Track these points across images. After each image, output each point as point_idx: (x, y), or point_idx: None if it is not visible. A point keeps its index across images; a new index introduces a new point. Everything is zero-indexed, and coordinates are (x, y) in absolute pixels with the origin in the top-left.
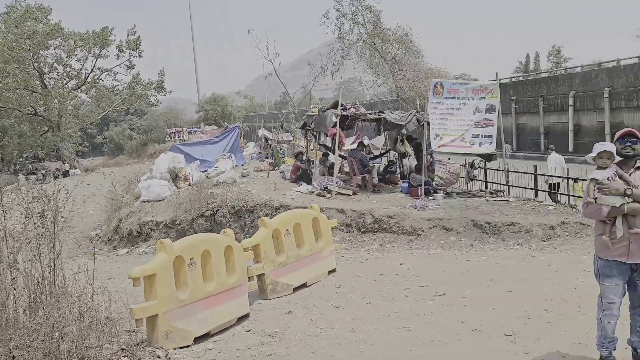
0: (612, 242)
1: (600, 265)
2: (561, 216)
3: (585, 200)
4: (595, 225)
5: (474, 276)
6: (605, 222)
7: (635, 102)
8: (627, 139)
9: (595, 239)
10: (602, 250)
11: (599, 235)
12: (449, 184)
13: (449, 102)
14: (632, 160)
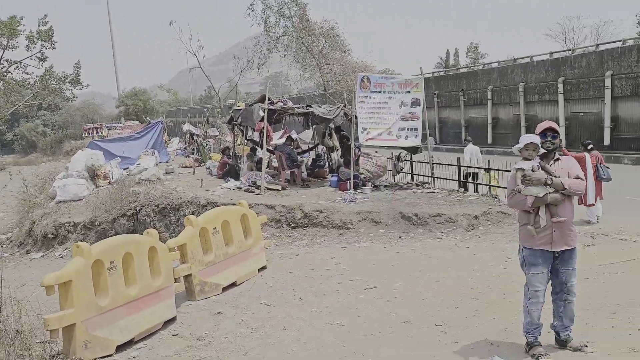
0: (537, 231)
1: (526, 254)
2: (484, 206)
3: (510, 190)
4: (519, 215)
5: (404, 268)
6: (530, 212)
7: (547, 96)
8: (548, 134)
9: (520, 229)
10: (527, 239)
11: (524, 225)
12: (376, 177)
13: (376, 96)
14: (552, 153)
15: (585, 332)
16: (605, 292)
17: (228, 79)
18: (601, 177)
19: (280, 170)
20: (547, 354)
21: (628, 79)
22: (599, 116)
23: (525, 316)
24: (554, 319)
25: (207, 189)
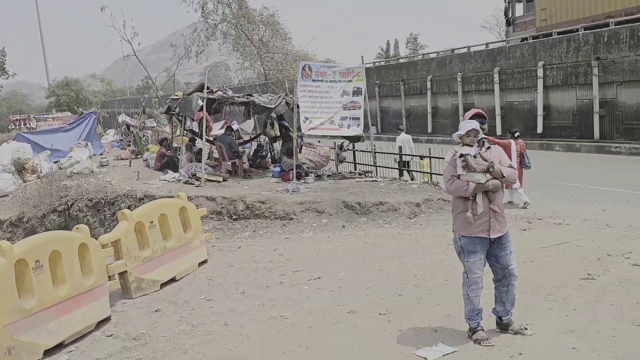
0: (474, 218)
1: (464, 242)
2: (425, 193)
3: (450, 176)
4: (455, 203)
5: (348, 257)
6: (468, 198)
7: (483, 85)
8: (477, 120)
9: (456, 218)
10: (464, 227)
11: (460, 213)
12: (319, 167)
13: (318, 85)
14: (482, 141)
15: (524, 315)
16: (542, 275)
17: (165, 68)
18: (526, 165)
19: (221, 161)
20: (489, 339)
21: (559, 69)
22: (533, 105)
23: (466, 304)
24: (496, 304)
25: (144, 181)
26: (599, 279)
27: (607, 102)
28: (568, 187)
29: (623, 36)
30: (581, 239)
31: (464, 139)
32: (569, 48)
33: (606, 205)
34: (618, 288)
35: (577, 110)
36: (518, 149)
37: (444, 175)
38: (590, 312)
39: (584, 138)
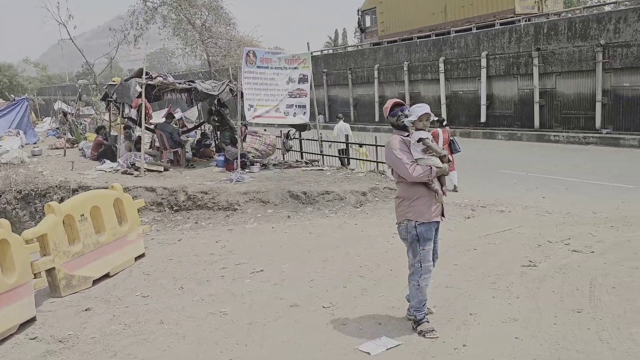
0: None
1: (422, 230)
2: (371, 182)
3: (410, 163)
4: (411, 190)
5: (292, 248)
6: (430, 183)
7: (429, 74)
8: (397, 109)
9: (413, 205)
10: (423, 214)
11: (418, 199)
12: (265, 156)
13: (263, 72)
14: (407, 130)
15: (468, 304)
16: (486, 263)
17: (104, 54)
18: (456, 149)
19: (162, 150)
20: (434, 330)
21: (501, 59)
22: (476, 94)
23: (416, 295)
24: None
25: (79, 172)
26: (540, 265)
27: (547, 92)
28: (510, 175)
29: (562, 28)
30: (523, 226)
31: (417, 124)
32: (511, 39)
33: (546, 192)
34: (558, 274)
35: (518, 100)
36: (446, 137)
37: (396, 162)
38: (532, 300)
39: (525, 127)
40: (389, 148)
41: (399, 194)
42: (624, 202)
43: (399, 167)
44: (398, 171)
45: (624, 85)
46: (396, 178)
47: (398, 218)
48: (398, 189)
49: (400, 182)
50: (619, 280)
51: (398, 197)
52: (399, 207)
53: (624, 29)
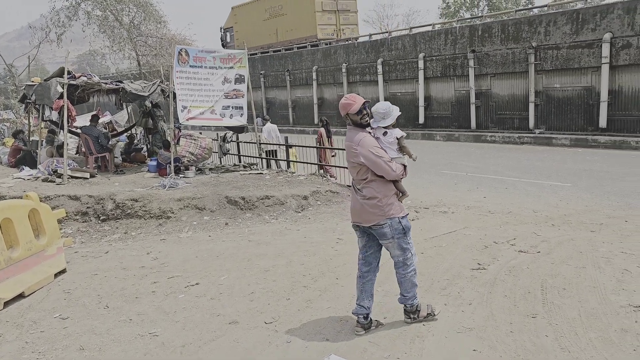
0: (400, 198)
1: (405, 222)
2: (313, 185)
3: (390, 160)
4: (385, 188)
5: (230, 258)
6: (398, 181)
7: (368, 76)
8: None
9: (391, 202)
10: (402, 208)
11: (393, 195)
12: (201, 160)
13: (196, 71)
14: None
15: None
16: (435, 267)
17: (24, 53)
18: None
19: (87, 156)
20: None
21: (438, 61)
22: (414, 96)
23: (414, 284)
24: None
25: None
26: (489, 268)
27: (483, 93)
28: (451, 176)
29: (495, 30)
30: (468, 227)
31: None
32: (447, 40)
33: (487, 192)
34: (508, 277)
35: (455, 101)
36: None
37: (376, 161)
38: (485, 306)
39: (462, 128)
40: (364, 146)
41: (373, 194)
42: (562, 200)
43: (380, 165)
44: (378, 169)
45: (555, 86)
46: (364, 177)
47: (375, 219)
48: (368, 189)
49: (373, 181)
50: (568, 281)
51: (373, 198)
52: (376, 208)
53: (554, 31)
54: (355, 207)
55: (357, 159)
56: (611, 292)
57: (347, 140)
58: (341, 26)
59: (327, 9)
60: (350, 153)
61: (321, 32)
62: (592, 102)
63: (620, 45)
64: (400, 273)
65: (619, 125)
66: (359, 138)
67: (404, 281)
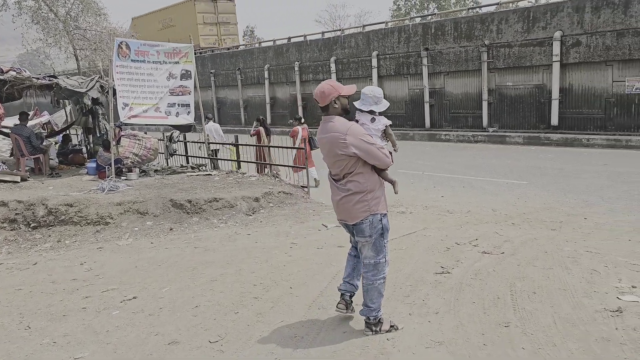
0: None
1: (385, 222)
2: (264, 186)
3: (380, 147)
4: (371, 180)
5: (173, 267)
6: (385, 172)
7: (321, 75)
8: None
9: (377, 197)
10: (385, 205)
11: (378, 189)
12: (146, 161)
13: (139, 66)
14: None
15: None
16: (396, 272)
17: None
18: (315, 146)
19: (18, 158)
20: None
21: (391, 59)
22: None
23: (381, 293)
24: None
25: None
26: (453, 272)
27: (436, 92)
28: (407, 175)
29: (448, 28)
30: (428, 228)
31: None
32: (400, 38)
33: (444, 191)
34: (474, 281)
35: (409, 100)
36: (305, 134)
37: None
38: (453, 315)
39: (416, 127)
40: (355, 135)
41: (360, 188)
42: (519, 198)
43: (375, 153)
44: (372, 158)
45: (507, 84)
46: (351, 169)
47: (357, 215)
48: (354, 183)
49: (360, 174)
50: (537, 284)
51: (359, 192)
52: (359, 203)
53: (506, 29)
54: (339, 204)
55: (346, 150)
56: (583, 295)
57: (325, 132)
58: (222, 37)
59: (208, 21)
60: (337, 144)
61: (204, 41)
62: (543, 100)
63: (571, 44)
64: (369, 279)
65: (570, 123)
66: (346, 127)
67: (371, 289)
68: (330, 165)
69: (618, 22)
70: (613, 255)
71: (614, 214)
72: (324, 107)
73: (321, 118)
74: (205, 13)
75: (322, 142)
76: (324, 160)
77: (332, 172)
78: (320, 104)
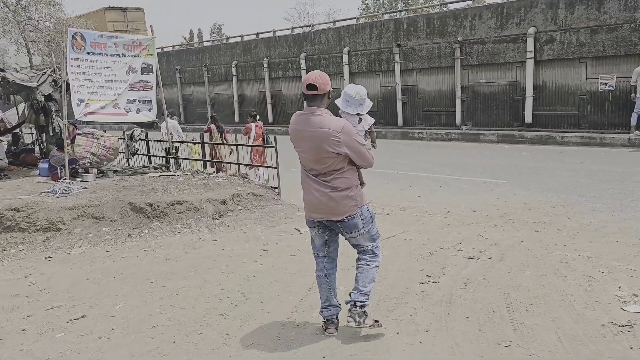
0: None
1: (371, 211)
2: (232, 188)
3: (368, 150)
4: (355, 176)
5: (130, 279)
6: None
7: (291, 72)
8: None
9: (360, 190)
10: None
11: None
12: (106, 161)
13: (95, 59)
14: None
15: (367, 347)
16: (378, 281)
17: None
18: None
19: None
20: None
21: (363, 56)
22: (339, 92)
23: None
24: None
25: None
26: (440, 281)
27: (409, 89)
28: (381, 174)
29: (421, 24)
30: (407, 231)
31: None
32: (372, 35)
33: (420, 190)
34: (465, 292)
35: (382, 97)
36: (259, 131)
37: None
38: (446, 334)
39: (389, 125)
40: (349, 134)
41: (347, 185)
42: (499, 198)
43: (365, 155)
44: (362, 158)
45: (481, 81)
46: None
47: (347, 210)
48: (341, 180)
49: (346, 171)
50: (533, 293)
51: (346, 189)
52: (348, 199)
53: (479, 25)
54: (322, 202)
55: (338, 148)
56: (584, 306)
57: (310, 125)
58: None
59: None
60: (328, 142)
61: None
62: (517, 97)
63: (544, 40)
64: (367, 261)
65: (544, 120)
66: (340, 124)
67: (366, 271)
68: (310, 162)
69: (592, 18)
70: (606, 260)
71: (597, 214)
72: (314, 97)
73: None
74: (115, 21)
75: (304, 136)
76: (301, 155)
77: (313, 168)
78: (318, 91)
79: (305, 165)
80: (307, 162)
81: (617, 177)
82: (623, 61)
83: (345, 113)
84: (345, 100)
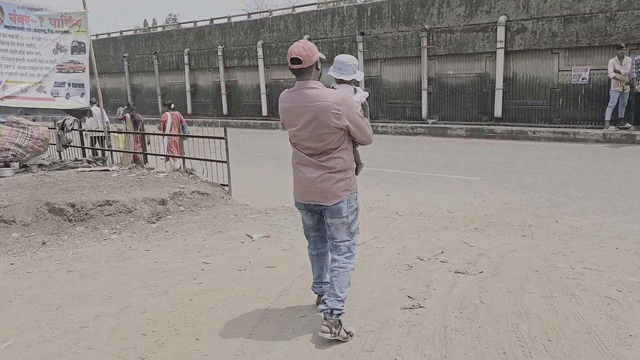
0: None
1: (358, 202)
2: (174, 186)
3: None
4: (351, 158)
5: (32, 304)
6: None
7: (247, 60)
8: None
9: (354, 175)
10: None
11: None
12: (33, 154)
13: (16, 34)
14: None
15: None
16: (354, 305)
17: None
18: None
19: None
20: None
21: (324, 44)
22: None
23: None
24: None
25: None
26: (427, 305)
27: (372, 80)
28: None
29: (386, 11)
30: (379, 237)
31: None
32: (334, 22)
33: (389, 188)
34: (462, 323)
35: None
36: (176, 120)
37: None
38: None
39: None
40: (349, 106)
41: (343, 166)
42: (475, 197)
43: (366, 130)
44: (363, 133)
45: (448, 72)
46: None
47: (338, 195)
48: (338, 160)
49: (343, 150)
50: (547, 324)
51: (342, 170)
52: (341, 182)
53: (447, 13)
54: (314, 184)
55: (340, 121)
56: (616, 343)
57: (305, 100)
58: None
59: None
60: (328, 115)
61: None
62: (486, 90)
63: (516, 29)
64: (342, 261)
65: (514, 114)
66: (339, 96)
67: (342, 275)
68: (306, 139)
69: (566, 7)
70: (619, 274)
71: (587, 215)
72: (301, 71)
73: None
74: None
75: (299, 112)
76: (295, 134)
77: (308, 147)
78: (304, 64)
79: (300, 144)
80: (302, 140)
81: (600, 175)
82: (597, 52)
83: (339, 83)
84: (338, 68)
